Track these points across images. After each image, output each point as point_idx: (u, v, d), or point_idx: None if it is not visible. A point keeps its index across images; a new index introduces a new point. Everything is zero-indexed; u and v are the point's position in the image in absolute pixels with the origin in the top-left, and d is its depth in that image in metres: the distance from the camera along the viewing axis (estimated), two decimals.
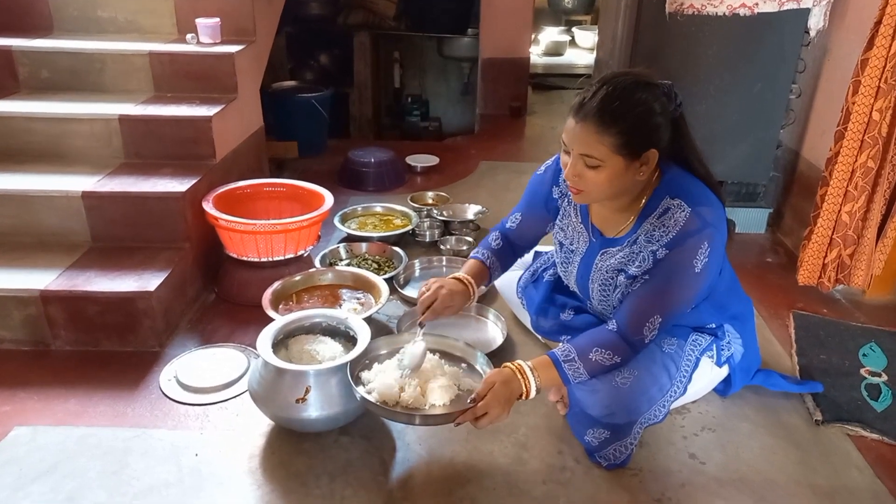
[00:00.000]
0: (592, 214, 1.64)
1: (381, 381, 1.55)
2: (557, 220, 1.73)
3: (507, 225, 1.84)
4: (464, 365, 1.70)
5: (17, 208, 2.09)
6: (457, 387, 1.59)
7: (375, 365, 1.63)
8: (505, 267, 1.86)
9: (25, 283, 1.91)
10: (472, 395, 1.46)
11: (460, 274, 1.76)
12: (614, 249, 1.58)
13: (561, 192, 1.71)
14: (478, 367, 1.69)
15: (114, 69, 2.50)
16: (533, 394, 1.48)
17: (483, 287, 1.81)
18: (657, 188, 1.51)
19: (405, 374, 1.57)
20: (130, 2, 2.71)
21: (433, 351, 1.68)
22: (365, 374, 1.61)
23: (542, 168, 1.77)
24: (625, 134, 1.38)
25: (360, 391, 1.51)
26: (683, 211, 1.45)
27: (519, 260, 1.91)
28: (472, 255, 1.85)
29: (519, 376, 1.47)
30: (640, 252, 1.51)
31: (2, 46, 2.47)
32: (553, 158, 1.74)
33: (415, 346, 1.62)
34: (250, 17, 2.69)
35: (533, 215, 1.79)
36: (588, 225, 1.64)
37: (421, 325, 1.68)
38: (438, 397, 1.53)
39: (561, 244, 1.73)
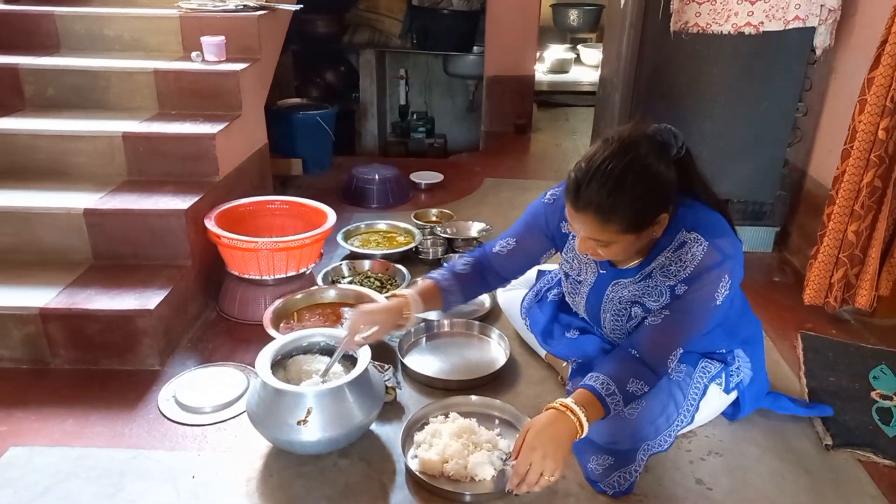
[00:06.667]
0: None
1: (423, 451, 1.58)
2: (563, 252, 1.69)
3: (495, 249, 1.72)
4: (497, 423, 1.71)
5: (18, 226, 2.09)
6: (499, 456, 1.57)
7: (427, 427, 1.66)
8: (466, 295, 1.73)
9: (25, 301, 1.90)
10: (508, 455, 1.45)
11: (401, 290, 1.68)
12: (626, 281, 1.55)
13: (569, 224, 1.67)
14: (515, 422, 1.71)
15: (119, 87, 2.51)
16: (586, 430, 1.41)
17: (440, 311, 1.76)
18: (671, 222, 1.47)
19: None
20: (137, 20, 2.73)
21: (468, 415, 1.69)
22: (417, 436, 1.63)
23: (550, 198, 1.66)
24: (628, 218, 1.36)
25: (409, 462, 1.56)
26: (700, 245, 1.42)
27: (522, 278, 1.86)
28: (427, 275, 1.74)
29: (569, 414, 1.40)
30: (657, 286, 1.49)
31: (8, 64, 2.48)
32: (559, 189, 1.65)
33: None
34: (255, 36, 2.70)
35: (531, 242, 1.70)
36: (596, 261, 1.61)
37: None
38: (482, 471, 1.52)
39: (567, 275, 1.70)
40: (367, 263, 2.50)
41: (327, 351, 1.73)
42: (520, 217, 1.73)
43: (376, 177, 3.19)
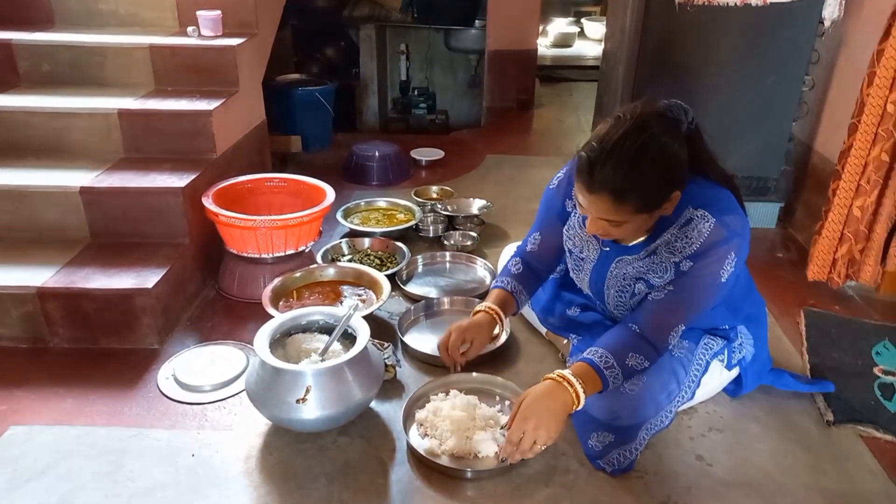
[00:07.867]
0: None
1: (430, 432, 1.59)
2: (565, 230, 1.69)
3: (528, 248, 1.77)
4: (503, 402, 1.70)
5: (14, 203, 2.07)
6: (501, 433, 1.57)
7: (428, 405, 1.65)
8: (530, 292, 1.79)
9: (23, 280, 1.89)
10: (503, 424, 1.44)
11: (483, 305, 1.70)
12: (630, 258, 1.54)
13: (574, 203, 1.64)
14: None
15: (114, 63, 2.47)
16: (582, 402, 1.42)
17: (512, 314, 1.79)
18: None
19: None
20: None
21: (469, 393, 1.69)
22: (419, 414, 1.63)
23: (555, 181, 1.70)
24: (642, 198, 1.35)
25: (411, 440, 1.56)
26: (708, 221, 1.40)
27: None
28: (493, 284, 1.80)
29: (566, 385, 1.41)
30: (662, 263, 1.47)
31: (2, 40, 2.45)
32: (564, 171, 1.69)
33: None
34: (252, 10, 2.65)
35: (552, 232, 1.72)
36: (599, 237, 1.59)
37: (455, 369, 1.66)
38: (483, 447, 1.52)
39: (570, 251, 1.69)
40: (366, 241, 2.48)
41: (326, 329, 1.72)
42: (538, 210, 1.76)
43: (376, 154, 3.16)
